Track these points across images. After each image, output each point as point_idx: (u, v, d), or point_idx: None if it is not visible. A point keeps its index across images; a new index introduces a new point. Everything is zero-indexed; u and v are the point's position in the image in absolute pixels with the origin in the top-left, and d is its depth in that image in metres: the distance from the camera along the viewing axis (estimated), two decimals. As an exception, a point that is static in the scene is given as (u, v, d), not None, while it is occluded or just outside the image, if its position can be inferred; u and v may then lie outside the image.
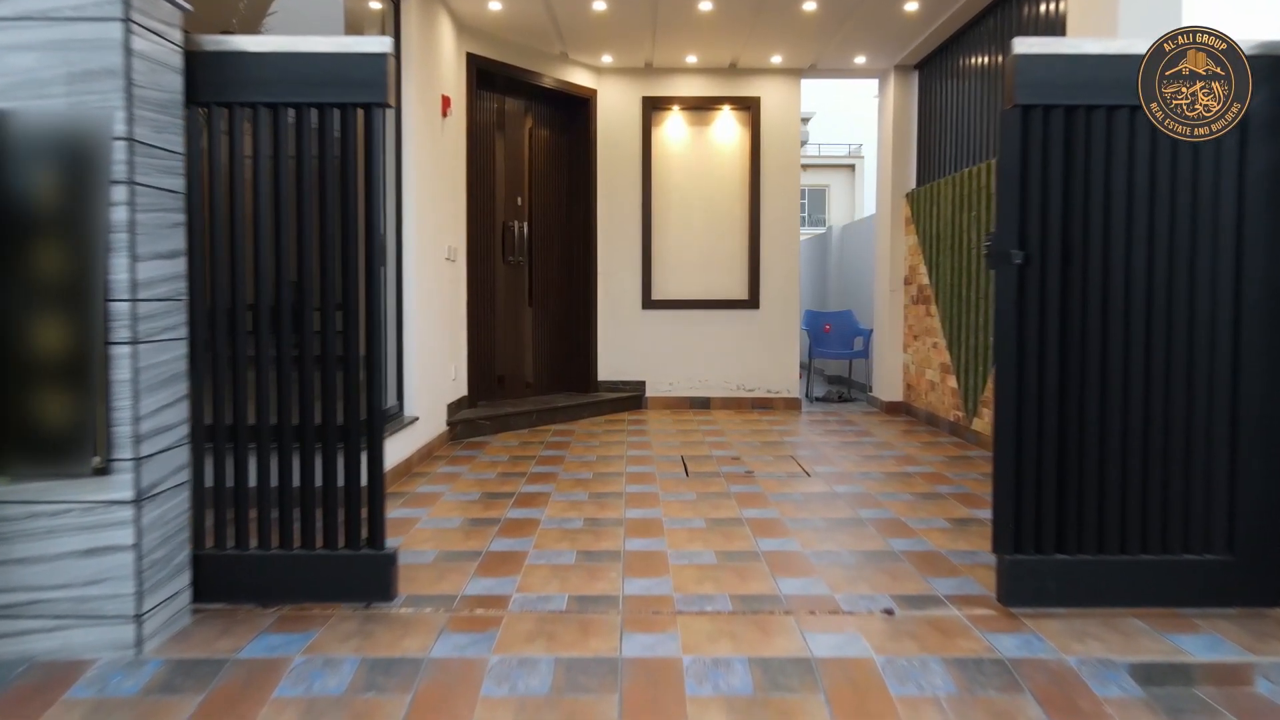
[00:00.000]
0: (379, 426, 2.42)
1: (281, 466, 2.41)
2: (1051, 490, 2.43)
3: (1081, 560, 2.43)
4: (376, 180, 2.38)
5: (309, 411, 2.39)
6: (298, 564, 2.44)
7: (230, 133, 2.36)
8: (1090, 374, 2.41)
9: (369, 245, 2.37)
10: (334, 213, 2.38)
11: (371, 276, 2.38)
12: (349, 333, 2.34)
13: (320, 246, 2.37)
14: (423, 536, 3.22)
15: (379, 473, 2.43)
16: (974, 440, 5.20)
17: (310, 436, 2.40)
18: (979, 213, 5.14)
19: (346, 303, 2.34)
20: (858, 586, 2.68)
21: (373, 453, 2.42)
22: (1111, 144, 2.39)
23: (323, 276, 2.35)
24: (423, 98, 4.66)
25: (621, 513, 3.57)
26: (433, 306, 4.88)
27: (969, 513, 3.59)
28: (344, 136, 2.33)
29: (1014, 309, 2.42)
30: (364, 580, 2.46)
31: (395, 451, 4.14)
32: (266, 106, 2.38)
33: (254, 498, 2.46)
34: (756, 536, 3.22)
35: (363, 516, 2.47)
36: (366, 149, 2.36)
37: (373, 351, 2.39)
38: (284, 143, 2.35)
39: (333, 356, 2.37)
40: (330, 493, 2.42)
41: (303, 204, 2.38)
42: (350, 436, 2.41)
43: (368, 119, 2.37)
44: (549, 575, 2.78)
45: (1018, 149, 2.40)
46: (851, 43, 6.12)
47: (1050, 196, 2.40)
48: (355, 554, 2.45)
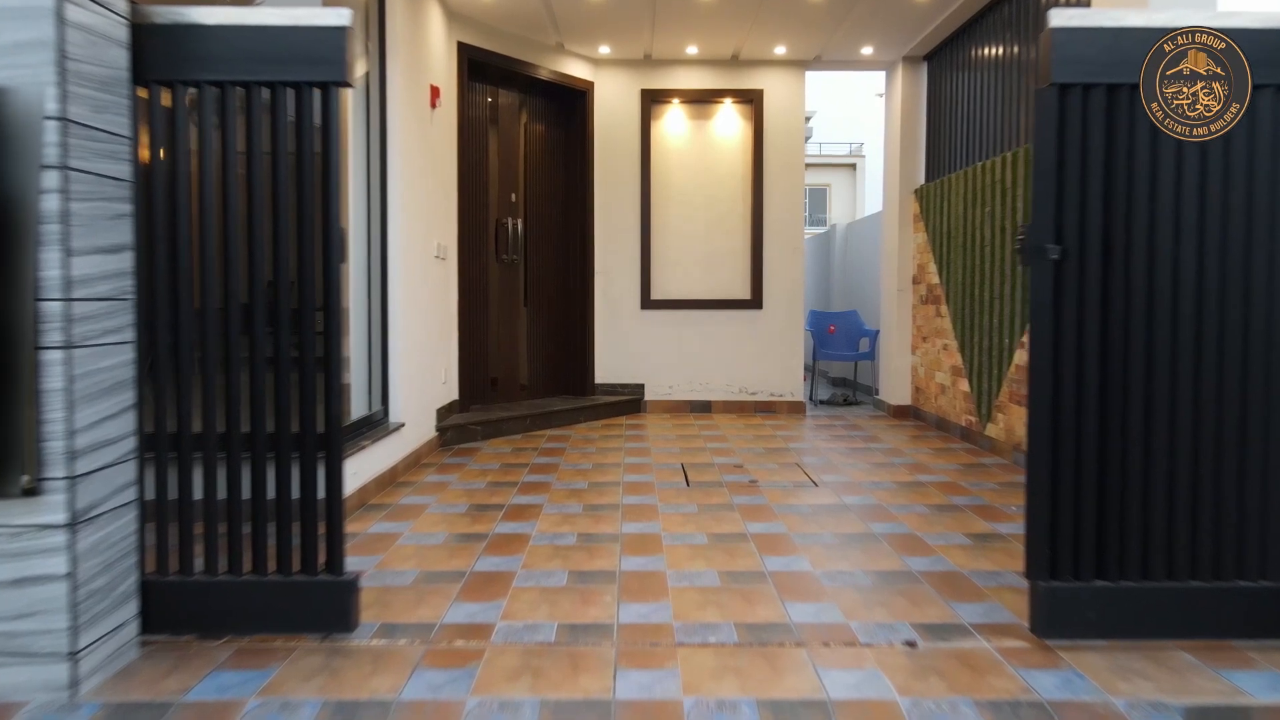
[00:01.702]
0: (337, 439, 2.18)
1: (230, 484, 2.17)
2: (1091, 510, 2.20)
3: (1124, 587, 2.20)
4: (335, 167, 2.14)
5: (260, 422, 2.16)
6: (251, 591, 2.21)
7: (173, 115, 2.13)
8: (1134, 381, 2.18)
9: (327, 239, 2.13)
10: (288, 204, 2.14)
11: (330, 273, 2.14)
12: (304, 335, 2.11)
13: (274, 240, 2.14)
14: (403, 554, 2.99)
15: (337, 490, 2.20)
16: (988, 447, 4.97)
17: (262, 450, 2.17)
18: (993, 208, 4.91)
19: (302, 302, 2.10)
20: (875, 613, 2.45)
21: (331, 468, 2.19)
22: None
23: (275, 273, 2.12)
24: (409, 87, 4.43)
25: (618, 527, 3.33)
26: (421, 306, 4.64)
27: (989, 527, 3.36)
28: (299, 118, 2.10)
29: (1050, 309, 2.19)
30: (321, 609, 2.23)
31: (379, 460, 3.91)
32: (214, 85, 2.15)
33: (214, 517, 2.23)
34: (762, 554, 2.99)
35: (325, 537, 2.24)
36: (325, 132, 2.13)
37: (331, 355, 2.16)
38: (232, 126, 2.12)
39: (288, 361, 2.14)
40: (284, 512, 2.18)
41: (254, 195, 2.14)
42: (306, 450, 2.17)
43: (325, 99, 2.13)
44: (538, 599, 2.55)
45: (1054, 132, 2.17)
46: (858, 32, 5.88)
47: (1090, 185, 2.17)
48: (311, 580, 2.22)
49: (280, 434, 2.15)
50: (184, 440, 2.14)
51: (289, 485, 2.17)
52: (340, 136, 2.15)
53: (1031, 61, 4.67)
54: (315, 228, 2.12)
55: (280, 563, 2.20)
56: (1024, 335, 4.50)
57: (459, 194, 5.41)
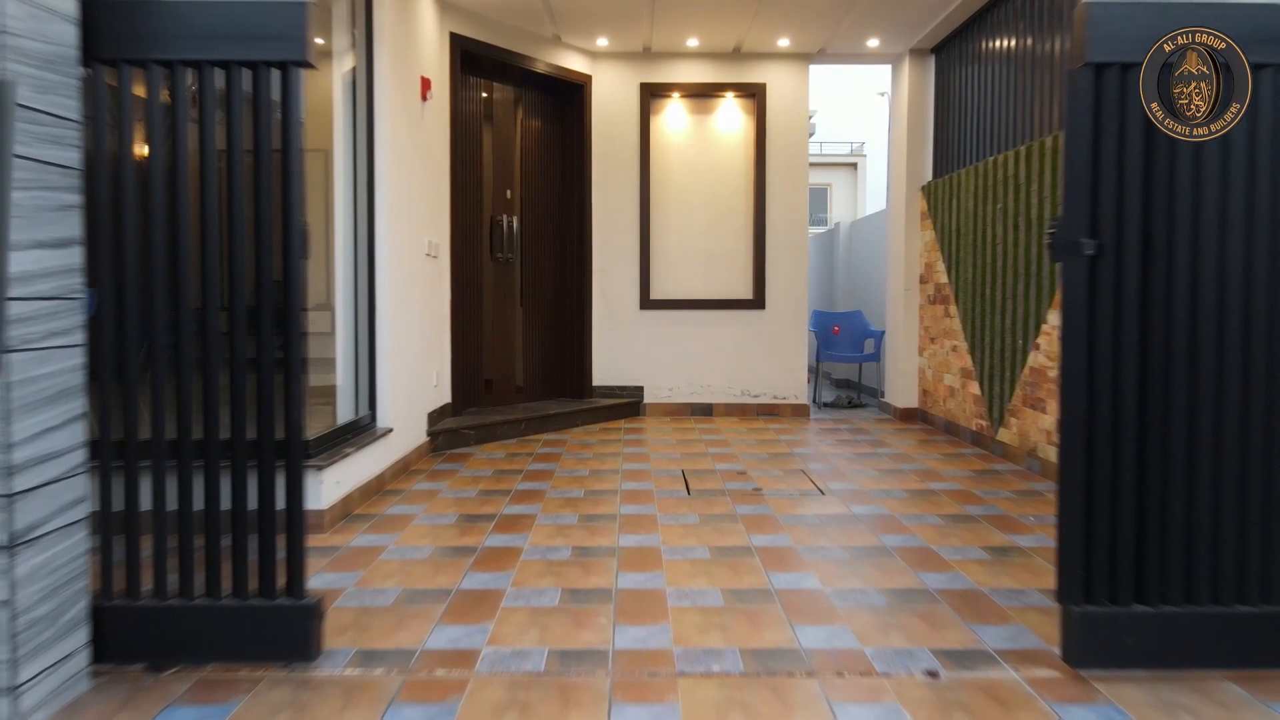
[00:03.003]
0: (298, 448, 2.00)
1: (181, 498, 1.99)
2: (1129, 528, 2.02)
3: (1165, 613, 2.02)
4: (296, 155, 1.96)
5: (214, 432, 1.97)
6: (205, 617, 2.03)
7: (118, 96, 1.94)
8: (1176, 387, 2.00)
9: (288, 234, 1.95)
10: (244, 195, 1.96)
11: (291, 270, 1.95)
12: (262, 337, 1.92)
13: (229, 234, 1.95)
14: (386, 571, 2.81)
15: (298, 505, 2.01)
16: (1000, 452, 4.79)
17: (216, 460, 1.98)
18: (1005, 204, 4.73)
19: (260, 301, 1.92)
20: (891, 637, 2.27)
21: (291, 480, 2.00)
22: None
23: (231, 269, 1.94)
24: (398, 78, 4.25)
25: (615, 540, 3.15)
26: (411, 306, 4.46)
27: (1007, 539, 3.18)
28: (256, 101, 1.92)
29: (1084, 310, 2.01)
30: (279, 637, 2.04)
31: (365, 467, 3.73)
32: (162, 65, 1.96)
33: (173, 534, 2.04)
34: (768, 570, 2.81)
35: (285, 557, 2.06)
36: (284, 116, 1.94)
37: (291, 357, 1.97)
38: (183, 110, 1.94)
39: (244, 364, 1.96)
40: (240, 530, 2.00)
41: (206, 186, 1.96)
42: (264, 462, 1.99)
43: (285, 80, 1.95)
44: (527, 622, 2.37)
45: (1089, 117, 1.99)
46: (864, 24, 5.70)
47: (1128, 174, 1.99)
48: (268, 605, 2.03)
49: (235, 443, 1.97)
50: (130, 450, 1.96)
51: (244, 500, 1.99)
52: (301, 121, 1.95)
53: (1046, 54, 4.49)
54: (274, 222, 1.94)
55: (236, 585, 2.02)
56: (1038, 337, 4.32)
57: (451, 190, 5.22)
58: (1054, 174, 4.18)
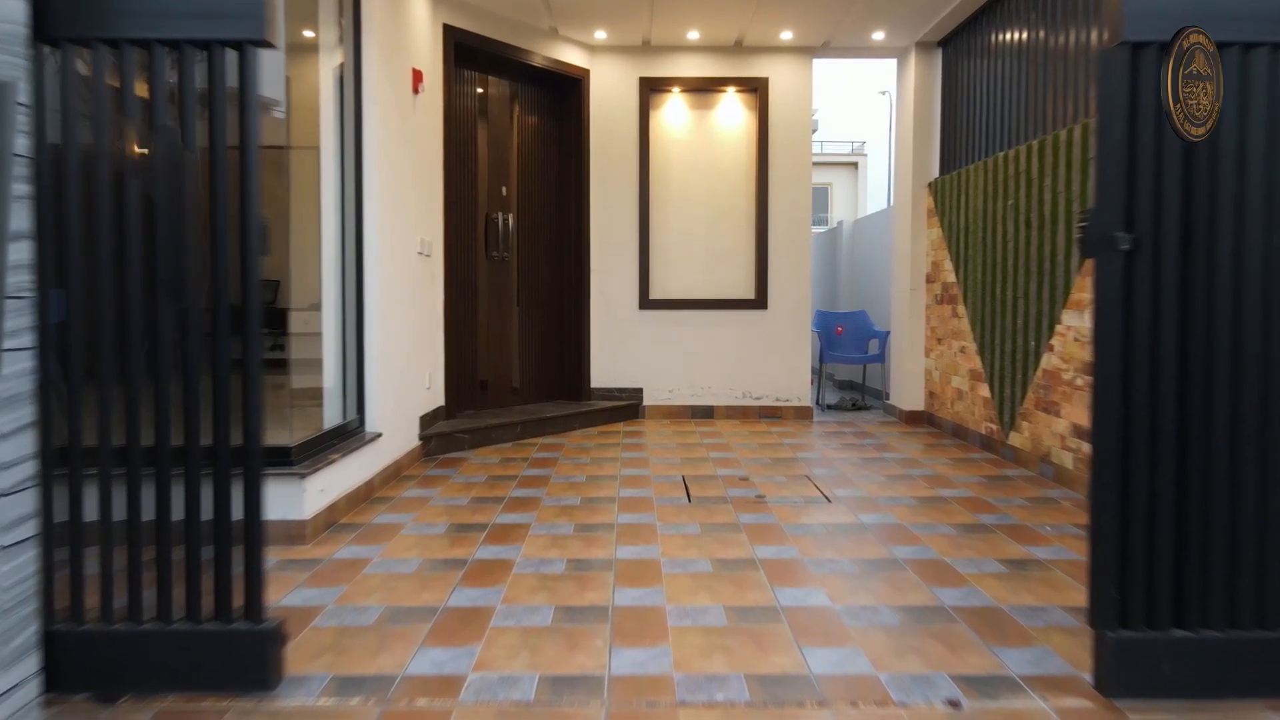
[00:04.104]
0: (256, 461, 1.84)
1: (130, 513, 1.83)
2: (1167, 547, 1.86)
3: (1207, 638, 1.86)
4: (252, 143, 1.80)
5: (165, 440, 1.82)
6: (159, 643, 1.88)
7: (63, 75, 1.79)
8: (1219, 393, 1.85)
9: (245, 228, 1.79)
10: (198, 187, 1.81)
11: (248, 267, 1.79)
12: (217, 338, 1.77)
13: (180, 228, 1.80)
14: (369, 586, 2.65)
15: (256, 520, 1.86)
16: (1010, 457, 4.63)
17: (167, 471, 1.83)
18: (1016, 201, 4.58)
19: (217, 300, 1.76)
20: (907, 661, 2.11)
21: (250, 492, 1.85)
22: (1248, 91, 1.82)
23: (179, 265, 1.78)
24: (388, 68, 4.09)
25: (612, 551, 3.00)
26: (402, 306, 4.31)
27: (1024, 551, 3.02)
28: (211, 83, 1.77)
29: (1119, 309, 1.85)
30: (236, 664, 1.89)
31: (352, 474, 3.58)
32: (109, 44, 1.81)
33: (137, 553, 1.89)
34: (774, 585, 2.66)
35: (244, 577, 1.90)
36: (241, 100, 1.79)
37: (250, 360, 1.81)
38: (130, 93, 1.78)
39: (198, 367, 1.80)
40: (194, 547, 1.85)
41: (155, 176, 1.80)
42: (220, 473, 1.83)
43: (242, 62, 1.80)
44: (518, 643, 2.21)
45: (1125, 100, 1.83)
46: (869, 17, 5.55)
47: (1167, 162, 1.84)
48: (223, 630, 1.88)
49: (189, 453, 1.81)
50: (74, 459, 1.80)
51: (198, 514, 1.83)
52: (258, 105, 1.80)
53: (1059, 45, 4.34)
54: (230, 215, 1.78)
55: (189, 608, 1.86)
56: (1052, 338, 4.17)
57: (445, 186, 5.07)
58: (1068, 169, 4.03)
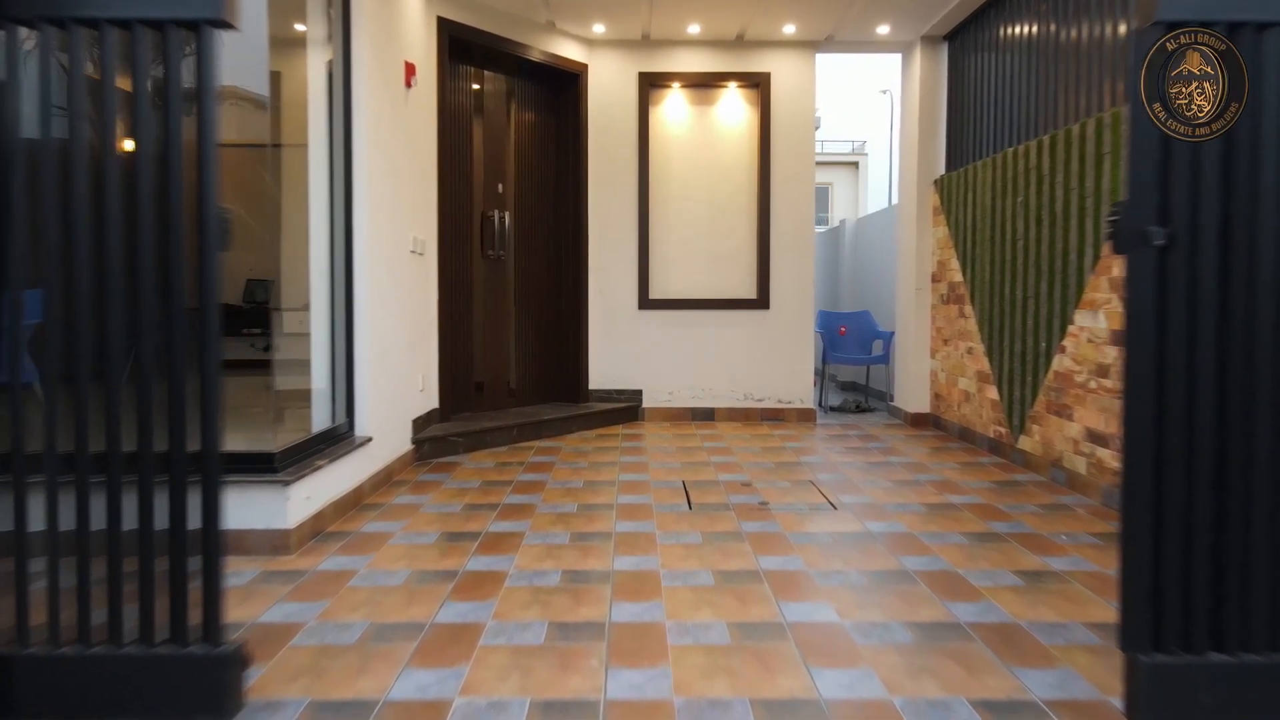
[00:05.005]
0: (214, 465, 1.71)
1: (79, 526, 1.70)
2: (1204, 565, 1.73)
3: (1248, 663, 1.73)
4: (210, 130, 1.67)
5: (116, 445, 1.68)
6: (110, 668, 1.75)
7: (8, 57, 1.66)
8: (1260, 398, 1.72)
9: (202, 222, 1.65)
10: (148, 174, 1.68)
11: (206, 263, 1.66)
12: (171, 340, 1.63)
13: (130, 220, 1.67)
14: (354, 600, 2.52)
15: (214, 536, 1.72)
16: (1020, 461, 4.50)
17: (117, 480, 1.70)
18: (1026, 197, 4.45)
19: (170, 298, 1.63)
20: (922, 684, 1.98)
21: (208, 509, 1.72)
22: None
23: (133, 260, 1.65)
24: (379, 61, 3.96)
25: (609, 563, 2.87)
26: (393, 306, 4.18)
27: (1040, 561, 2.89)
28: (166, 66, 1.64)
29: (1152, 309, 1.72)
30: (193, 691, 1.75)
31: (340, 480, 3.45)
32: (54, 24, 1.68)
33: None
34: (779, 599, 2.53)
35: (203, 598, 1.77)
36: (199, 84, 1.66)
37: (207, 362, 1.67)
38: (79, 75, 1.65)
39: (151, 369, 1.67)
40: (147, 564, 1.72)
41: (107, 165, 1.67)
42: (175, 484, 1.70)
43: (199, 42, 1.67)
44: (508, 664, 2.08)
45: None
46: (874, 10, 5.42)
47: (1205, 151, 1.71)
48: (178, 654, 1.75)
49: (141, 458, 1.68)
50: (17, 465, 1.67)
51: (150, 529, 1.70)
52: (216, 90, 1.67)
53: (1072, 38, 4.21)
54: (186, 207, 1.65)
55: (143, 630, 1.73)
56: (1064, 339, 4.04)
57: (439, 184, 4.94)
58: (1082, 164, 3.90)
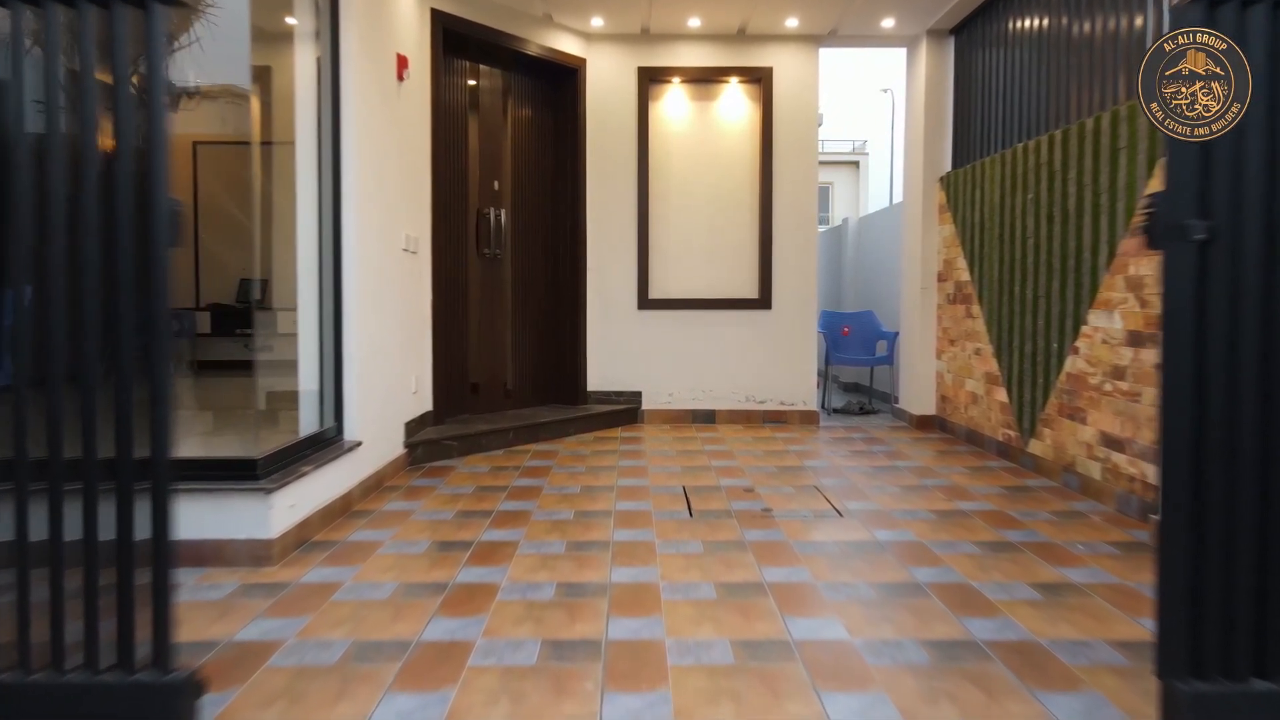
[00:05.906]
0: (164, 473, 1.58)
1: (18, 538, 1.57)
2: (1248, 584, 1.61)
3: (1295, 691, 1.61)
4: (160, 114, 1.54)
5: (58, 452, 1.55)
6: (55, 695, 1.62)
7: None
8: (1308, 408, 1.59)
9: (151, 213, 1.52)
10: (94, 163, 1.55)
11: (156, 259, 1.52)
12: (118, 341, 1.50)
13: (73, 213, 1.54)
14: (337, 616, 2.39)
15: (163, 552, 1.59)
16: (1031, 466, 4.37)
17: (59, 489, 1.57)
18: (1036, 194, 4.32)
19: (113, 295, 1.50)
20: (942, 711, 1.85)
21: (157, 520, 1.59)
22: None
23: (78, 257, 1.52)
24: (369, 53, 3.83)
25: (606, 574, 2.74)
26: (384, 306, 4.05)
27: (1057, 573, 2.76)
28: (113, 46, 1.51)
29: (1192, 308, 1.60)
30: None
31: (327, 487, 3.32)
32: None
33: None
34: (785, 614, 2.40)
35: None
36: (149, 65, 1.52)
37: (155, 363, 1.54)
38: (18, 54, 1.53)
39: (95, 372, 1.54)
40: (91, 583, 1.59)
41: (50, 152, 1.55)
42: (122, 495, 1.57)
43: (147, 21, 1.54)
44: (497, 687, 1.95)
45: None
46: (878, 3, 5.29)
47: (1250, 138, 1.58)
48: (124, 682, 1.61)
49: (86, 466, 1.55)
50: None
51: (95, 541, 1.57)
52: (164, 69, 1.54)
53: (1083, 30, 4.08)
54: (130, 198, 1.52)
55: (88, 654, 1.60)
56: (1077, 340, 3.91)
57: (433, 180, 4.81)
58: (1095, 159, 3.77)
